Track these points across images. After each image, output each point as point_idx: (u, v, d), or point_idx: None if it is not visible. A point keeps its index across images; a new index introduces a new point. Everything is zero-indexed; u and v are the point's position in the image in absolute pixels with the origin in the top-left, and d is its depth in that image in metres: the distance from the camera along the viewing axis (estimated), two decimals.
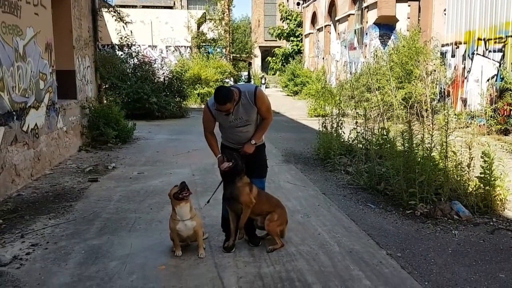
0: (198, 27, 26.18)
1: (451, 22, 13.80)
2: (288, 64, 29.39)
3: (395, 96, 12.72)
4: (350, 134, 7.83)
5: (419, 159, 5.36)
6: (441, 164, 5.46)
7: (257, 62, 44.79)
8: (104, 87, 12.50)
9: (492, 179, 5.05)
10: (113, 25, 18.43)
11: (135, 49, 16.89)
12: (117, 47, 18.29)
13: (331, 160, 7.45)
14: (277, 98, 25.67)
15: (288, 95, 27.27)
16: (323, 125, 8.38)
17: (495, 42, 11.67)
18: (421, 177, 5.08)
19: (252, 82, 37.03)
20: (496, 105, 10.88)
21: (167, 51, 25.91)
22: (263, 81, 32.17)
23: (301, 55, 32.40)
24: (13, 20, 6.22)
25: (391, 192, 5.59)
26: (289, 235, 4.35)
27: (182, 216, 3.85)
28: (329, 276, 3.54)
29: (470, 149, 5.51)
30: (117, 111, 10.44)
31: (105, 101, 11.40)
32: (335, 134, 8.00)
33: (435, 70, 13.96)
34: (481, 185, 5.14)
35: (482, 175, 5.08)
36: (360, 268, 3.68)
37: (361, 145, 7.28)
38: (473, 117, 11.69)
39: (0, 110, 5.74)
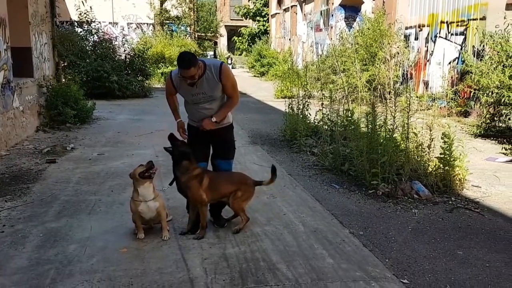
0: (161, 4, 25.43)
1: (415, 5, 13.96)
2: (255, 45, 29.13)
3: (360, 78, 12.93)
4: (316, 115, 7.87)
5: (381, 140, 5.43)
6: (402, 145, 5.57)
7: (223, 42, 44.19)
8: (62, 65, 12.02)
9: (452, 159, 5.19)
10: (72, 1, 17.70)
11: (95, 26, 16.26)
12: (76, 23, 17.59)
13: (297, 141, 7.47)
14: (244, 79, 25.47)
15: (255, 76, 27.11)
16: (290, 106, 8.37)
17: (457, 25, 11.91)
18: (383, 158, 5.16)
19: None
20: (456, 87, 11.17)
21: (128, 28, 25.10)
22: (229, 61, 31.83)
23: (268, 35, 32.20)
24: None
25: (355, 172, 5.66)
26: (255, 215, 4.34)
27: (145, 197, 3.74)
28: (294, 256, 3.55)
29: (430, 130, 5.63)
30: (76, 90, 10.04)
31: (63, 80, 10.97)
32: (301, 116, 8.01)
33: (398, 53, 14.19)
34: (441, 165, 5.28)
35: (442, 156, 5.22)
36: (324, 247, 3.71)
37: (326, 127, 7.33)
38: (434, 99, 12.00)
39: None
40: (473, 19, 11.12)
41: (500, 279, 3.25)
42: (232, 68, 32.25)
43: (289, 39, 27.59)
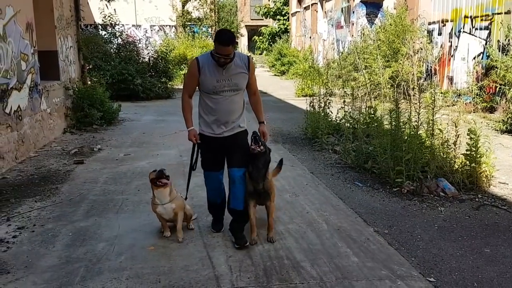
0: (183, 6, 25.68)
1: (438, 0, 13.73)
2: (275, 44, 29.11)
3: (382, 75, 12.80)
4: (337, 113, 7.83)
5: (406, 137, 5.38)
6: (427, 142, 5.50)
7: (243, 42, 44.29)
8: (87, 68, 12.27)
9: (478, 156, 5.10)
10: (96, 4, 18.04)
11: (118, 28, 16.55)
12: (100, 26, 17.94)
13: (318, 139, 7.45)
14: (264, 78, 25.49)
15: (275, 75, 27.07)
16: (311, 104, 8.36)
17: (481, 20, 11.66)
18: (407, 155, 5.11)
19: None
20: (482, 83, 10.95)
21: (151, 30, 25.43)
22: None
23: (288, 34, 32.13)
24: None
25: (378, 170, 5.62)
26: (278, 214, 4.36)
27: (161, 200, 3.80)
28: (318, 254, 3.56)
29: (456, 126, 5.55)
30: (102, 92, 10.25)
31: (89, 82, 11.20)
32: (322, 114, 7.99)
33: (422, 49, 13.97)
34: (467, 162, 5.19)
35: (468, 152, 5.13)
36: (348, 245, 3.71)
37: (348, 124, 7.28)
38: (459, 95, 11.78)
39: None
40: (498, 13, 10.86)
41: None
42: None
43: (310, 37, 27.47)
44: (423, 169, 5.29)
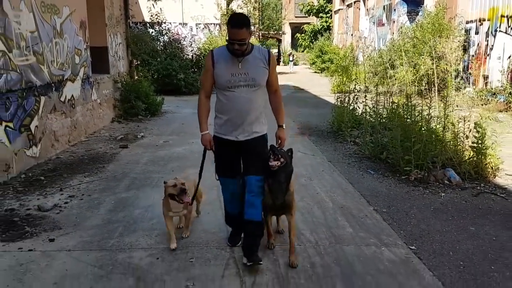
0: (228, 5, 26.50)
1: None
2: (316, 41, 29.43)
3: (417, 72, 12.99)
4: (362, 108, 8.25)
5: (417, 130, 5.77)
6: (439, 134, 5.87)
7: (287, 39, 44.72)
8: (135, 63, 13.24)
9: (484, 148, 5.43)
10: (145, 3, 19.13)
11: (165, 26, 17.54)
12: (148, 24, 19.05)
13: (342, 132, 7.92)
14: (304, 75, 25.94)
15: (315, 72, 27.42)
16: (338, 99, 8.82)
17: None
18: (416, 146, 5.51)
19: (282, 59, 37.21)
20: None
21: (197, 28, 26.43)
22: (291, 58, 32.31)
23: (330, 31, 32.31)
24: (51, 0, 6.91)
25: (392, 160, 6.05)
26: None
27: (175, 210, 3.72)
28: (319, 225, 4.10)
29: (468, 121, 5.89)
30: (147, 86, 11.16)
31: (136, 77, 12.14)
32: (350, 108, 8.43)
33: (458, 47, 13.98)
34: (474, 154, 5.53)
35: (474, 145, 5.47)
36: (347, 220, 4.23)
37: (369, 117, 7.69)
38: (494, 94, 11.80)
39: (40, 82, 6.50)
40: None
41: (502, 250, 3.60)
42: (294, 65, 32.71)
43: (351, 35, 27.57)
44: (433, 160, 5.67)
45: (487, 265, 3.36)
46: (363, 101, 7.76)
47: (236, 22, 3.15)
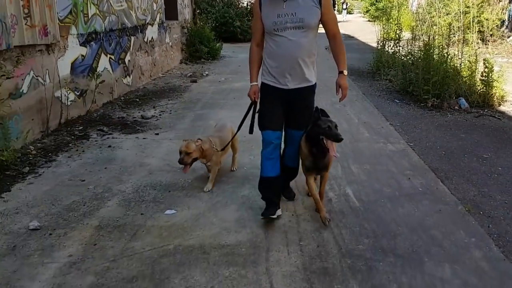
0: None
1: None
2: None
3: (462, 20, 13.52)
4: (400, 51, 9.31)
5: (436, 65, 6.91)
6: (457, 70, 6.98)
7: None
8: (197, 11, 14.70)
9: (490, 80, 6.53)
10: None
11: None
12: None
13: (379, 71, 9.09)
14: (357, 24, 26.37)
15: (369, 20, 27.67)
16: (379, 43, 9.90)
17: None
18: (434, 78, 6.69)
19: (336, 8, 37.19)
20: None
21: None
22: (344, 6, 32.43)
23: None
24: None
25: (416, 92, 7.25)
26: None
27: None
28: (344, 132, 5.41)
29: (487, 61, 6.93)
30: (209, 32, 12.65)
31: (198, 23, 13.64)
32: (390, 52, 9.51)
33: None
34: (482, 85, 6.64)
35: (483, 78, 6.57)
36: (366, 129, 5.62)
37: (405, 59, 8.77)
38: None
39: (130, 24, 8.14)
40: None
41: (477, 147, 4.90)
42: (349, 13, 32.84)
43: None
44: (449, 91, 6.82)
45: (461, 154, 4.70)
46: (402, 46, 8.83)
47: None
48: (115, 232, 3.15)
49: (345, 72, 3.23)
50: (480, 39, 12.81)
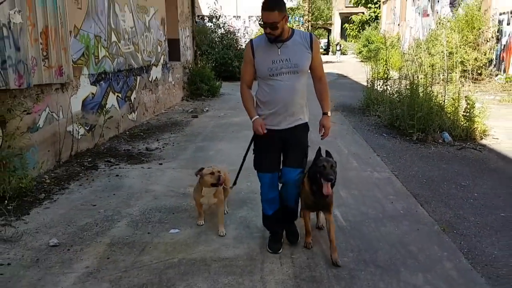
0: None
1: None
2: (364, 31, 30.59)
3: (449, 60, 14.26)
4: (389, 90, 9.89)
5: (420, 102, 7.43)
6: (441, 106, 7.49)
7: (336, 29, 45.77)
8: (199, 52, 15.45)
9: (472, 116, 7.03)
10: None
11: (222, 20, 19.67)
12: (207, 18, 21.28)
13: (369, 108, 9.63)
14: (350, 64, 27.33)
15: (362, 61, 28.67)
16: (369, 81, 10.51)
17: None
18: (418, 114, 7.19)
19: (330, 49, 38.53)
20: None
21: (249, 20, 28.48)
22: (338, 48, 33.63)
23: (378, 21, 33.28)
24: (143, 3, 9.11)
25: (402, 126, 7.74)
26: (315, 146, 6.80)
27: (207, 195, 3.77)
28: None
29: (469, 98, 7.47)
30: (209, 71, 13.32)
31: (199, 64, 14.34)
32: (380, 90, 10.09)
33: (492, 37, 15.08)
34: (465, 120, 7.14)
35: (464, 113, 7.08)
36: (355, 160, 6.05)
37: (392, 97, 9.33)
38: None
39: (137, 65, 8.72)
40: None
41: (457, 176, 5.32)
42: (342, 54, 34.02)
43: (398, 25, 28.53)
44: (433, 125, 7.31)
45: (441, 182, 5.12)
46: (391, 85, 9.42)
47: (267, 4, 3.05)
48: (125, 248, 3.52)
49: (329, 114, 3.42)
50: (469, 78, 13.51)
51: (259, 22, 3.16)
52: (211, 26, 19.15)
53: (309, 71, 3.34)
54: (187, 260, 3.32)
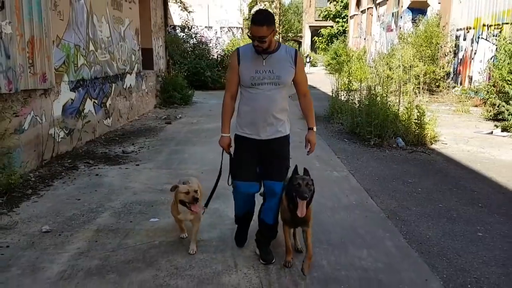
0: (250, 10, 29.10)
1: (464, 9, 15.86)
2: (332, 44, 31.74)
3: (406, 72, 15.26)
4: (352, 99, 10.63)
5: (377, 111, 8.15)
6: (392, 114, 8.24)
7: (306, 42, 47.07)
8: (171, 62, 15.90)
9: (422, 123, 7.79)
10: (175, 8, 21.83)
11: (194, 30, 20.20)
12: (179, 28, 21.76)
13: (333, 116, 10.34)
14: (319, 76, 28.26)
15: (330, 73, 29.70)
16: (334, 92, 11.24)
17: (495, 28, 13.79)
18: (375, 121, 7.90)
19: None
20: (488, 82, 13.12)
21: (221, 31, 29.09)
22: (307, 60, 34.65)
23: (346, 35, 34.57)
24: (118, 14, 9.55)
25: (362, 133, 8.44)
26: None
27: (184, 213, 3.63)
28: (298, 163, 6.54)
29: (419, 107, 8.24)
30: (181, 80, 13.79)
31: (172, 73, 14.79)
32: (344, 100, 10.82)
33: (450, 51, 16.22)
34: (416, 127, 7.89)
35: (416, 121, 7.84)
36: (318, 161, 6.67)
37: (354, 106, 10.06)
38: (476, 92, 14.00)
39: (112, 73, 9.13)
40: (506, 23, 12.99)
41: (405, 175, 6.00)
42: (312, 66, 35.07)
43: (364, 39, 29.80)
44: (389, 132, 8.03)
45: (391, 179, 5.79)
46: (353, 95, 10.16)
47: (257, 20, 3.14)
48: (110, 233, 3.98)
49: (314, 129, 3.58)
50: (424, 89, 14.49)
51: (248, 34, 3.22)
52: (183, 36, 19.63)
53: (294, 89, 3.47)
54: (167, 242, 3.81)
